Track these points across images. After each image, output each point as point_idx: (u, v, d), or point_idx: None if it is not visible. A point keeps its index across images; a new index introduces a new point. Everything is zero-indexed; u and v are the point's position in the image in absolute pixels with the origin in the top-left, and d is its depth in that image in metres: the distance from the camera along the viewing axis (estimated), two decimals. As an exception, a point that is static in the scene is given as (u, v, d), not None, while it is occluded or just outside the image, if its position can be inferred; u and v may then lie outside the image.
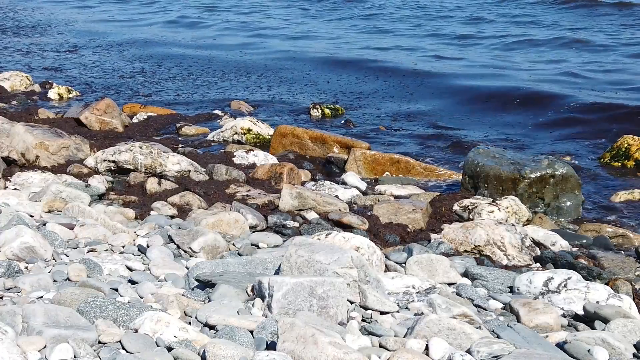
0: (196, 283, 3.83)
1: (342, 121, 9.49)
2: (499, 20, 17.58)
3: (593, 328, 3.74)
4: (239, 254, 4.48)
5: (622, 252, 5.39)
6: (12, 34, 17.33)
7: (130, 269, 4.07)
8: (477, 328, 3.43)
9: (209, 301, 3.56)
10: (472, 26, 16.95)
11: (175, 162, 6.38)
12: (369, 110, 10.22)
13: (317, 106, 9.95)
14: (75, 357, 2.82)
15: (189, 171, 6.39)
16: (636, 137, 7.98)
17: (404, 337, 3.27)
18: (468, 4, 19.96)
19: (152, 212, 5.35)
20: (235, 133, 8.18)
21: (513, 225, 5.30)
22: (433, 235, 5.31)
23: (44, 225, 4.57)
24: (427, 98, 10.82)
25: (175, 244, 4.57)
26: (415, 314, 3.66)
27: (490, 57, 13.62)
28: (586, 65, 12.49)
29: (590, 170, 7.61)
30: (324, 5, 20.81)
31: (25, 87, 11.10)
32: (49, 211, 5.07)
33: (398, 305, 3.75)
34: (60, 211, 5.04)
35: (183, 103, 10.63)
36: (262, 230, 5.17)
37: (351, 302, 3.60)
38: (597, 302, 3.97)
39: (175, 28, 18.28)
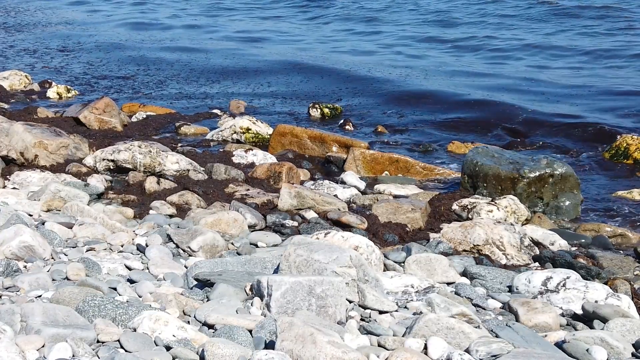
0: (195, 282, 3.83)
1: (341, 121, 9.49)
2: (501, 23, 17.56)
3: (592, 327, 3.74)
4: (238, 253, 4.48)
5: (621, 251, 5.39)
6: (14, 32, 17.32)
7: (129, 268, 4.07)
8: (476, 327, 3.43)
9: (207, 300, 3.56)
10: (454, 28, 16.91)
11: (174, 162, 6.38)
12: (368, 110, 10.21)
13: (316, 105, 9.95)
14: (73, 356, 2.82)
15: (188, 170, 6.39)
16: (635, 137, 7.99)
17: (403, 336, 3.27)
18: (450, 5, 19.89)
19: (151, 211, 5.35)
20: (235, 132, 8.18)
21: (512, 224, 5.30)
22: (432, 235, 5.31)
23: (43, 224, 4.57)
24: (425, 97, 10.81)
25: (174, 243, 4.57)
26: (414, 313, 3.67)
27: (487, 63, 13.60)
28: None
29: (589, 170, 7.61)
30: (310, 7, 20.78)
31: (24, 86, 11.09)
32: (48, 210, 5.06)
33: (397, 305, 3.75)
34: (59, 210, 5.04)
35: (182, 102, 10.63)
36: (261, 229, 5.17)
37: (350, 302, 3.60)
38: (596, 301, 3.98)
39: (172, 28, 18.28)
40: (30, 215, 4.84)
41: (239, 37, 16.67)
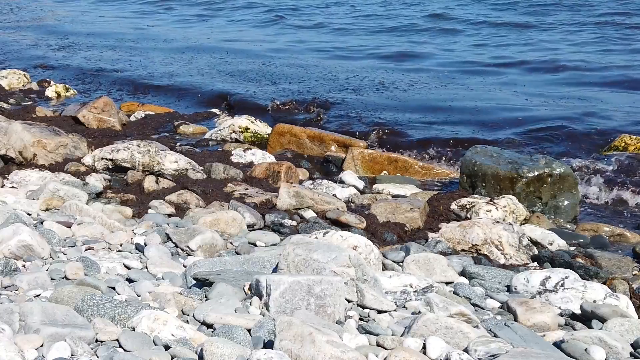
0: (194, 281, 3.83)
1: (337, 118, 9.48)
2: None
3: (590, 327, 3.74)
4: (237, 253, 4.49)
5: (620, 251, 5.40)
6: (13, 30, 17.31)
7: (128, 267, 4.07)
8: (475, 327, 3.44)
9: (206, 300, 3.56)
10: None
11: (172, 161, 6.38)
12: (368, 108, 10.20)
13: (314, 105, 9.96)
14: (72, 355, 2.82)
15: (187, 169, 6.39)
16: (633, 136, 8.01)
17: (402, 335, 3.27)
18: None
19: (149, 211, 5.35)
20: (233, 132, 8.18)
21: (510, 224, 5.30)
22: (431, 234, 5.31)
23: (42, 223, 4.57)
24: (422, 96, 10.81)
25: (172, 242, 4.57)
26: (413, 313, 3.67)
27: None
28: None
29: (588, 169, 7.61)
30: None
31: (23, 85, 11.09)
32: (47, 209, 5.06)
33: (395, 304, 3.75)
34: (58, 209, 5.04)
35: (181, 101, 10.62)
36: (260, 228, 5.18)
37: (349, 301, 3.60)
38: (594, 301, 3.98)
39: (172, 26, 18.28)
40: (29, 215, 4.84)
41: (234, 35, 16.66)
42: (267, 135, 8.10)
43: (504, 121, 9.20)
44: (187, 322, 3.30)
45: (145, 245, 4.45)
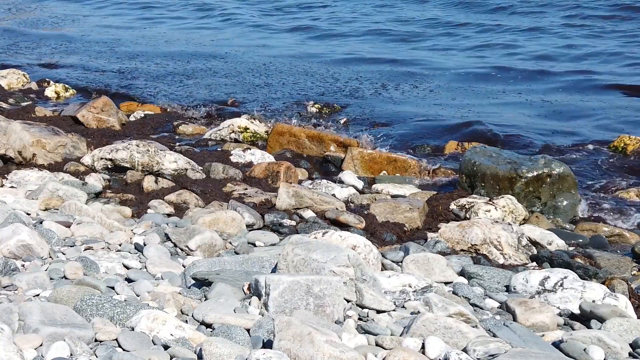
0: (193, 281, 3.83)
1: (343, 120, 9.47)
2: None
3: (589, 327, 3.75)
4: (236, 253, 4.49)
5: (618, 251, 5.40)
6: (13, 30, 17.31)
7: (127, 267, 4.07)
8: (474, 327, 3.44)
9: (205, 299, 3.56)
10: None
11: (172, 161, 6.38)
12: (366, 108, 10.21)
13: (315, 105, 9.96)
14: (71, 355, 2.82)
15: (186, 169, 6.39)
16: (632, 137, 8.02)
17: (401, 335, 3.27)
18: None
19: (149, 211, 5.35)
20: (232, 132, 8.18)
21: (510, 224, 5.30)
22: (430, 234, 5.32)
23: (41, 223, 4.57)
24: (420, 95, 10.82)
25: (172, 242, 4.58)
26: (412, 313, 3.67)
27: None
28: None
29: (587, 169, 7.62)
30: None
31: (22, 85, 11.08)
32: (46, 209, 5.06)
33: (394, 304, 3.76)
34: (57, 209, 5.04)
35: (180, 101, 10.61)
36: (259, 228, 5.18)
37: (348, 301, 3.60)
38: (593, 301, 3.99)
39: (171, 27, 18.28)
40: (28, 214, 4.84)
41: (234, 35, 16.66)
42: (267, 135, 8.10)
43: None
44: (186, 321, 3.30)
45: (145, 245, 4.45)
